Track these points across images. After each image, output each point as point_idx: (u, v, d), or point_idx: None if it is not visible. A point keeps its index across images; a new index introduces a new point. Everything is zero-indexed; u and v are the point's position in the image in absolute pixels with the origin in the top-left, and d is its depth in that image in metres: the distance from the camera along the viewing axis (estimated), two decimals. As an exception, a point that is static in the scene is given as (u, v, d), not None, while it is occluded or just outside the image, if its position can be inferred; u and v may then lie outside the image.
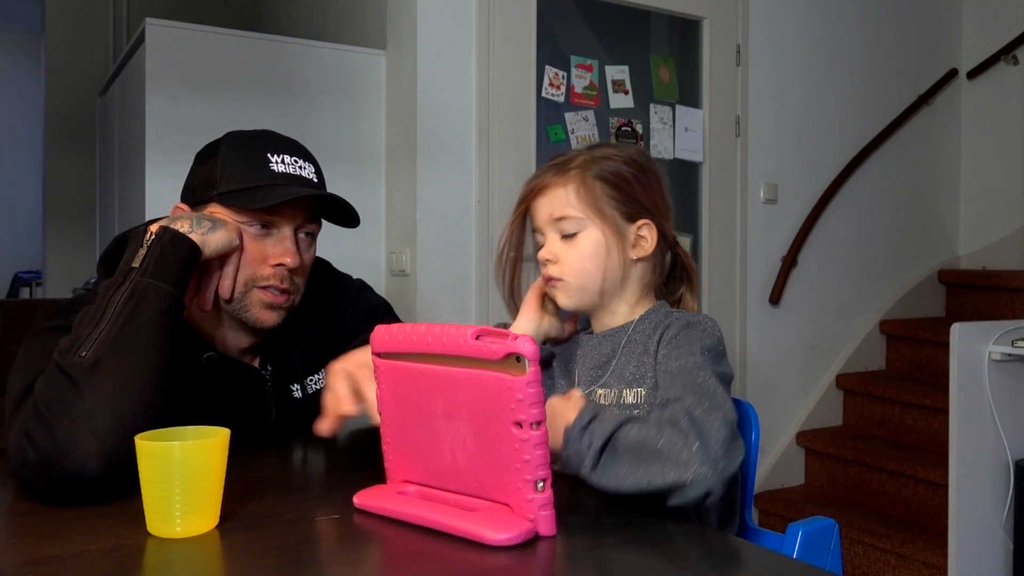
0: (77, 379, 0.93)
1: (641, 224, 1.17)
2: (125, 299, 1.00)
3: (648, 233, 1.17)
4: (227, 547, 0.80)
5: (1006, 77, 3.69)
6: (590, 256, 1.16)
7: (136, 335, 0.98)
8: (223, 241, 1.12)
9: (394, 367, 0.87)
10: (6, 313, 2.02)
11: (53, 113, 3.76)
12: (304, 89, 2.49)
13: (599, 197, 1.16)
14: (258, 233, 1.18)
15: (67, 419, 0.92)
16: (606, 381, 1.16)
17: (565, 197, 1.17)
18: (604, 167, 1.17)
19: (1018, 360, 2.25)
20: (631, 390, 1.13)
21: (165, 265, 1.03)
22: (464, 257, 2.53)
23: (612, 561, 0.78)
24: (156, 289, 1.01)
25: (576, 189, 1.16)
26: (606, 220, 1.16)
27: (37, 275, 5.38)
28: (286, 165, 1.19)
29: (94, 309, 1.00)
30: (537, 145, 2.66)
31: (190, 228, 1.08)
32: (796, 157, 3.26)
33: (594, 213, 1.16)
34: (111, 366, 0.95)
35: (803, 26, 3.28)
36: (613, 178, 1.17)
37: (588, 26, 2.84)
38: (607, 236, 1.16)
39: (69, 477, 0.90)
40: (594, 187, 1.16)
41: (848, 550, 2.78)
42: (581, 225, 1.16)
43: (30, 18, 5.41)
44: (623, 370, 1.15)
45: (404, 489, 0.89)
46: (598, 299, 1.18)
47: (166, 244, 1.05)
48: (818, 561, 1.00)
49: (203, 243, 1.09)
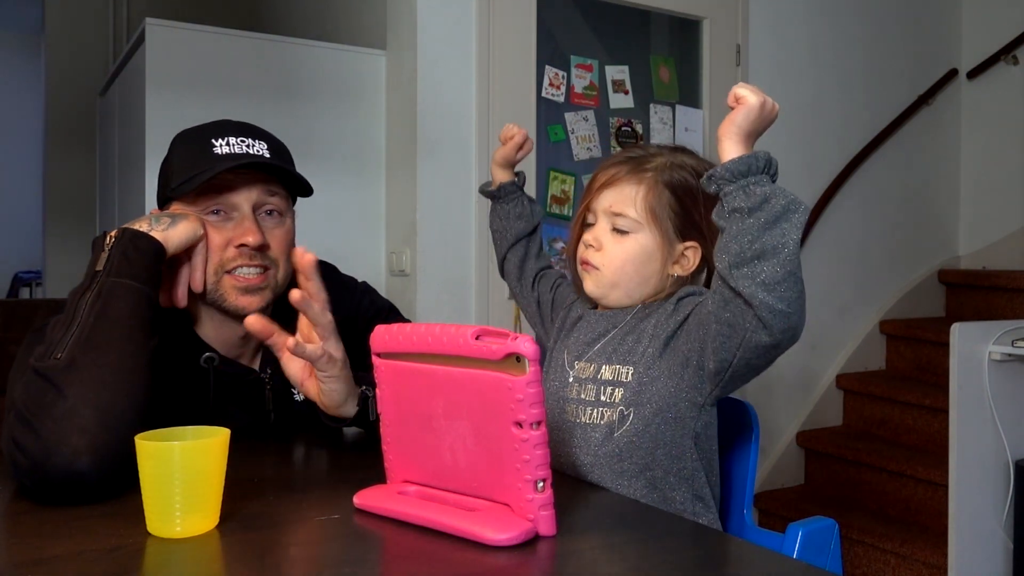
0: (55, 379, 0.93)
1: (689, 245, 1.17)
2: (93, 299, 1.00)
3: (693, 255, 1.17)
4: (227, 547, 0.80)
5: (1006, 77, 3.68)
6: (633, 259, 1.16)
7: (109, 330, 0.98)
8: (186, 234, 1.11)
9: (394, 367, 0.87)
10: (6, 313, 2.02)
11: (53, 113, 3.76)
12: (304, 89, 2.49)
13: (663, 206, 1.16)
14: (216, 220, 1.16)
15: (50, 419, 0.91)
16: (590, 357, 1.18)
17: (632, 196, 1.16)
18: (677, 176, 1.17)
19: (1018, 360, 2.25)
20: (611, 366, 1.14)
21: (129, 263, 1.03)
22: (464, 257, 2.53)
23: (612, 561, 0.78)
24: (123, 286, 1.01)
25: (645, 193, 1.16)
26: (661, 229, 1.16)
27: (37, 275, 5.38)
28: (230, 146, 1.16)
29: (64, 315, 1.00)
30: (537, 145, 2.65)
31: (149, 227, 1.08)
32: (796, 157, 3.26)
33: (652, 220, 1.16)
34: (88, 363, 0.94)
35: (803, 26, 3.28)
36: (681, 191, 1.16)
37: (588, 26, 2.84)
38: (657, 245, 1.16)
39: (61, 476, 0.90)
40: (663, 195, 1.16)
41: (848, 550, 2.78)
42: (636, 227, 1.16)
43: (30, 18, 5.41)
44: (611, 346, 1.16)
45: (404, 489, 0.89)
46: (624, 299, 1.19)
47: (127, 244, 1.04)
48: (818, 561, 1.00)
49: (165, 239, 1.08)
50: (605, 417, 1.12)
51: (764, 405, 3.10)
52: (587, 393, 1.15)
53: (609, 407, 1.12)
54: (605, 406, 1.13)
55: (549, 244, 2.69)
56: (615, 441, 1.11)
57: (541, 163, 2.67)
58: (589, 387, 1.16)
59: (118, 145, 2.87)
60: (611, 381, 1.13)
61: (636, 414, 1.10)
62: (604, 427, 1.12)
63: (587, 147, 2.77)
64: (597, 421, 1.13)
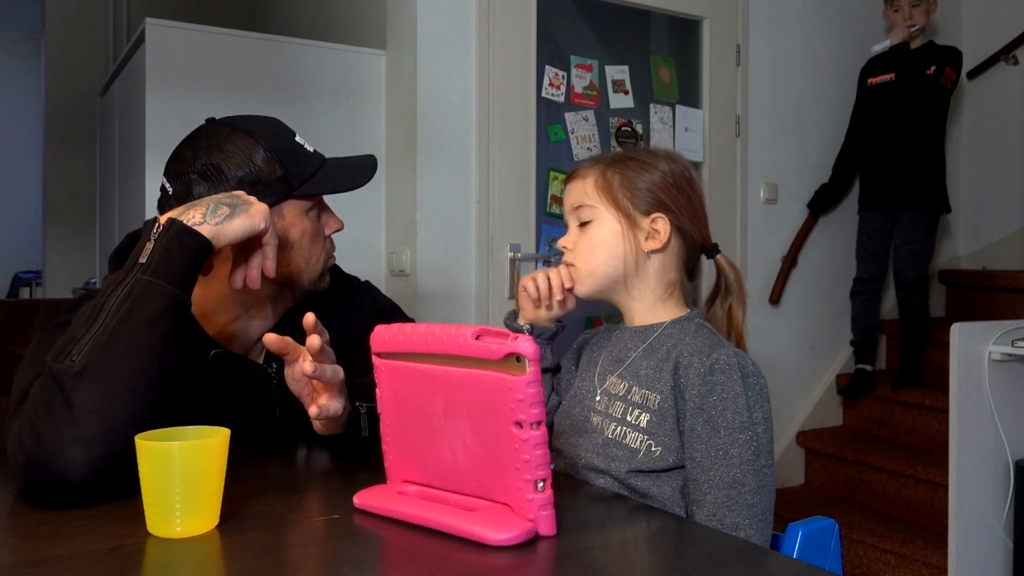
0: (65, 386, 0.91)
1: (655, 217, 1.18)
2: (122, 298, 0.96)
3: (662, 226, 1.18)
4: (227, 547, 0.80)
5: (1006, 77, 3.69)
6: (600, 243, 1.19)
7: (129, 338, 0.94)
8: (243, 228, 1.05)
9: (394, 367, 0.87)
10: (6, 313, 2.02)
11: (53, 113, 3.76)
12: (304, 89, 2.49)
13: (616, 188, 1.18)
14: (317, 215, 1.24)
15: (52, 426, 0.90)
16: (621, 373, 1.18)
17: (583, 187, 1.21)
18: (627, 162, 1.20)
19: (1018, 360, 2.25)
20: (639, 390, 1.14)
21: (169, 262, 0.98)
22: (464, 257, 2.53)
23: (612, 561, 0.78)
24: (156, 289, 0.97)
25: (595, 180, 1.20)
26: (620, 210, 1.18)
27: (37, 275, 5.39)
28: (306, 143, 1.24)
29: (91, 306, 0.97)
30: (537, 145, 2.66)
31: (202, 218, 1.02)
32: (796, 157, 3.26)
33: (609, 202, 1.18)
34: (100, 372, 0.92)
35: (803, 26, 3.28)
36: (632, 172, 1.19)
37: (588, 26, 2.84)
38: (621, 225, 1.18)
39: (52, 483, 0.90)
40: (613, 179, 1.19)
41: (848, 550, 2.78)
42: (595, 214, 1.19)
43: (30, 18, 5.41)
44: (637, 367, 1.16)
45: (404, 489, 0.89)
46: (611, 285, 1.20)
47: (172, 239, 0.99)
48: (818, 561, 1.00)
49: (216, 234, 1.02)
50: (628, 437, 1.12)
51: (764, 405, 3.10)
52: (615, 409, 1.15)
53: (634, 429, 1.12)
54: (630, 427, 1.12)
55: (549, 244, 2.69)
56: (635, 464, 1.10)
57: (541, 163, 2.67)
58: (617, 404, 1.15)
59: (118, 145, 2.86)
60: (639, 404, 1.13)
61: (662, 452, 1.10)
62: (626, 448, 1.12)
63: (587, 147, 2.77)
64: (620, 439, 1.13)
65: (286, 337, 1.04)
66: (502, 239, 2.58)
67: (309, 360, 1.01)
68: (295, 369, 1.06)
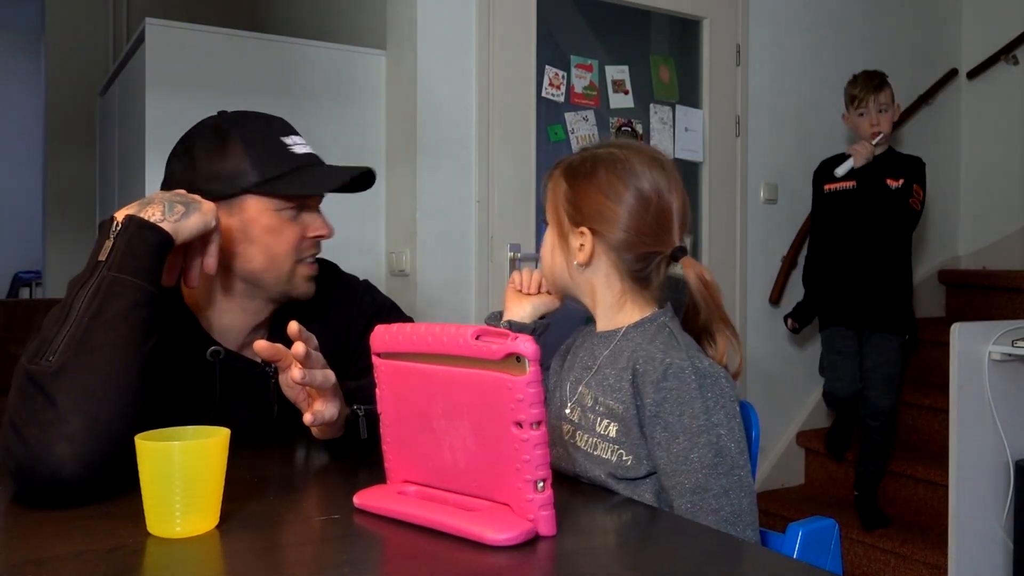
0: (45, 385, 0.91)
1: (580, 231, 1.14)
2: (91, 296, 0.97)
3: (587, 242, 1.13)
4: (227, 547, 0.80)
5: (1006, 77, 3.68)
6: (546, 250, 1.20)
7: (103, 332, 0.95)
8: (198, 225, 1.07)
9: (394, 367, 0.87)
10: (6, 313, 2.02)
11: (53, 113, 3.75)
12: (304, 89, 2.49)
13: (559, 197, 1.17)
14: (292, 214, 1.20)
15: (37, 426, 0.90)
16: (588, 382, 1.15)
17: (546, 189, 1.20)
18: (579, 168, 1.16)
19: (1018, 360, 2.25)
20: (604, 400, 1.11)
21: (133, 256, 1.00)
22: (464, 257, 2.53)
23: (612, 561, 0.78)
24: (123, 283, 0.98)
25: (551, 185, 1.19)
26: (555, 221, 1.17)
27: (37, 275, 5.39)
28: (298, 145, 1.22)
29: (59, 308, 0.98)
30: (537, 145, 2.66)
31: (162, 215, 1.04)
32: (796, 157, 3.26)
33: (551, 211, 1.18)
34: (78, 368, 0.92)
35: (803, 26, 3.28)
36: (578, 182, 1.15)
37: (588, 26, 2.84)
38: (554, 238, 1.18)
39: (46, 483, 0.90)
40: (559, 186, 1.17)
41: (848, 550, 2.78)
42: (549, 218, 1.19)
43: (30, 18, 5.41)
44: (603, 376, 1.13)
45: (404, 489, 0.89)
46: (565, 290, 1.21)
47: (133, 234, 1.01)
48: (818, 561, 1.00)
49: (176, 230, 1.04)
50: (599, 448, 1.10)
51: (764, 405, 3.10)
52: (586, 420, 1.13)
53: (604, 440, 1.09)
54: (600, 438, 1.10)
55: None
56: (611, 472, 1.08)
57: (541, 163, 2.67)
58: (588, 415, 1.13)
59: (118, 145, 2.87)
60: (606, 414, 1.10)
61: (633, 461, 1.07)
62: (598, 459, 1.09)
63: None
64: (591, 450, 1.11)
65: (277, 344, 1.04)
66: (502, 239, 2.58)
67: (298, 366, 1.01)
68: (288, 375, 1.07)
